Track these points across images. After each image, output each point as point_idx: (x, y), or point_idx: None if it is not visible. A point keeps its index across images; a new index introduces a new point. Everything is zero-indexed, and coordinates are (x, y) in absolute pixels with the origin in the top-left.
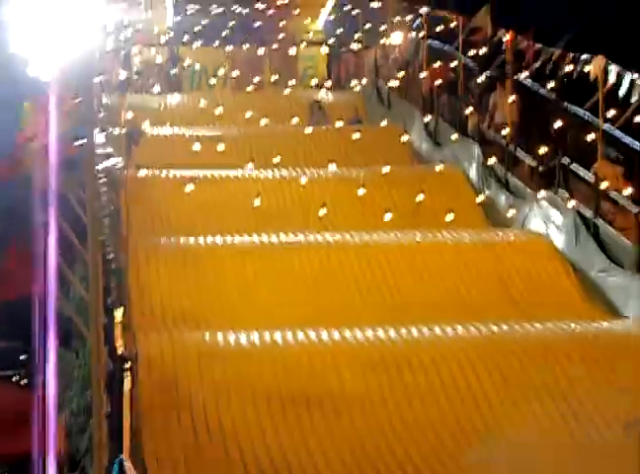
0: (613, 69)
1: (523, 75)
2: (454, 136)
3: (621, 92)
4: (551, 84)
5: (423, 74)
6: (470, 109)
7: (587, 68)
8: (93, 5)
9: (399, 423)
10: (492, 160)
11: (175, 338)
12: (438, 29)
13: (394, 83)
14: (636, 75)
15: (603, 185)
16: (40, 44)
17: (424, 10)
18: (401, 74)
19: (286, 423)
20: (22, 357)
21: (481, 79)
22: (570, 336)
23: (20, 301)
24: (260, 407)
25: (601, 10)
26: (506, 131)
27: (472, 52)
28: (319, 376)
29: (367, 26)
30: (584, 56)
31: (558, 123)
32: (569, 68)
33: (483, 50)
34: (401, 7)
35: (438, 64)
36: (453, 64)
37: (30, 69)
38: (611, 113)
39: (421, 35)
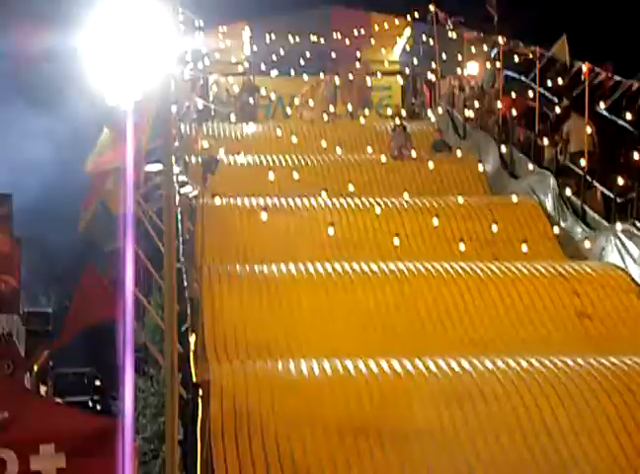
0: None
1: (601, 106)
2: (530, 167)
3: None
4: (629, 115)
5: (498, 104)
6: (546, 139)
7: None
8: (171, 35)
9: (472, 456)
10: (568, 191)
11: (247, 367)
12: (514, 59)
13: (469, 113)
14: None
15: None
16: (119, 74)
17: (500, 41)
18: (476, 104)
19: (359, 455)
20: (96, 383)
21: (558, 109)
22: None
23: (93, 328)
24: (332, 438)
25: None
26: (582, 162)
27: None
28: (391, 408)
29: (443, 56)
30: None
31: (636, 155)
32: None
33: (561, 81)
34: (477, 38)
35: (513, 95)
36: (530, 95)
37: (109, 98)
38: None
39: (497, 65)
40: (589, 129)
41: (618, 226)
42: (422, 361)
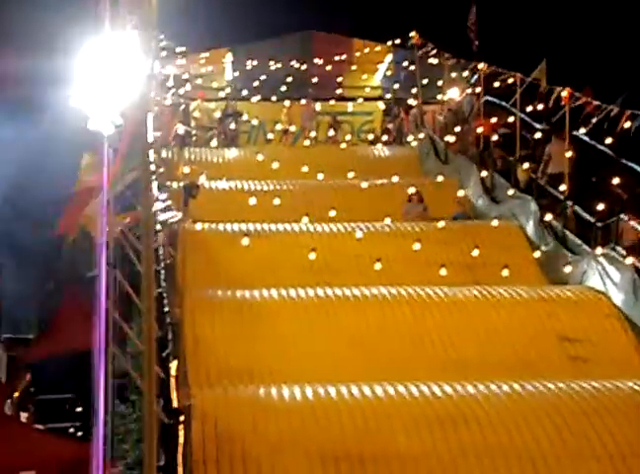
0: None
1: (582, 130)
2: (511, 192)
3: None
4: (609, 140)
5: (479, 129)
6: (525, 164)
7: None
8: (153, 61)
9: None
10: (549, 216)
11: (229, 392)
12: (494, 85)
13: (451, 138)
14: None
15: None
16: (101, 99)
17: (481, 66)
18: (458, 129)
19: None
20: (78, 410)
21: (538, 134)
22: (627, 396)
23: (74, 354)
24: (314, 464)
25: None
26: (562, 187)
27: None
28: (373, 433)
29: (424, 81)
30: None
31: (616, 180)
32: (627, 125)
33: (540, 106)
34: (458, 63)
35: (494, 119)
36: (511, 119)
37: (90, 123)
38: None
39: (477, 90)
40: (569, 154)
41: (599, 251)
42: (404, 386)
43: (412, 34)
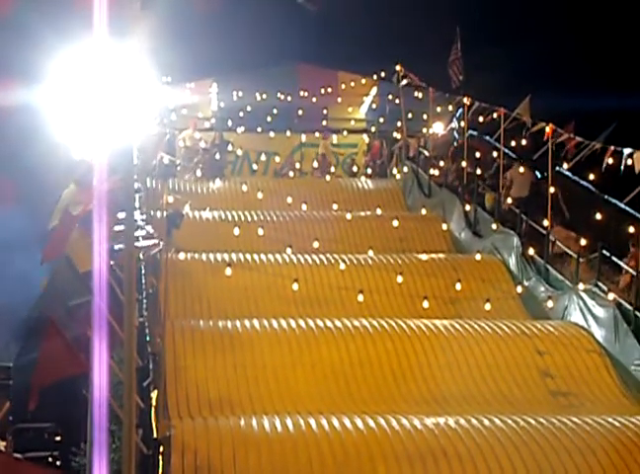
0: None
1: (564, 166)
2: (493, 226)
3: None
4: (592, 176)
5: (463, 163)
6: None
7: (629, 161)
8: (137, 89)
9: None
10: (531, 251)
11: (209, 423)
12: (479, 119)
13: (434, 171)
14: None
15: None
16: (85, 128)
17: (465, 100)
18: (441, 163)
19: None
20: (56, 439)
21: (522, 169)
22: (608, 432)
23: (54, 383)
24: None
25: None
26: (545, 222)
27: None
28: (354, 466)
29: (409, 115)
30: (626, 150)
31: (598, 216)
32: (610, 161)
33: (524, 142)
34: (443, 97)
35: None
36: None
37: (74, 152)
38: None
39: (462, 124)
40: (552, 189)
41: (581, 286)
42: (385, 420)
43: (397, 67)
